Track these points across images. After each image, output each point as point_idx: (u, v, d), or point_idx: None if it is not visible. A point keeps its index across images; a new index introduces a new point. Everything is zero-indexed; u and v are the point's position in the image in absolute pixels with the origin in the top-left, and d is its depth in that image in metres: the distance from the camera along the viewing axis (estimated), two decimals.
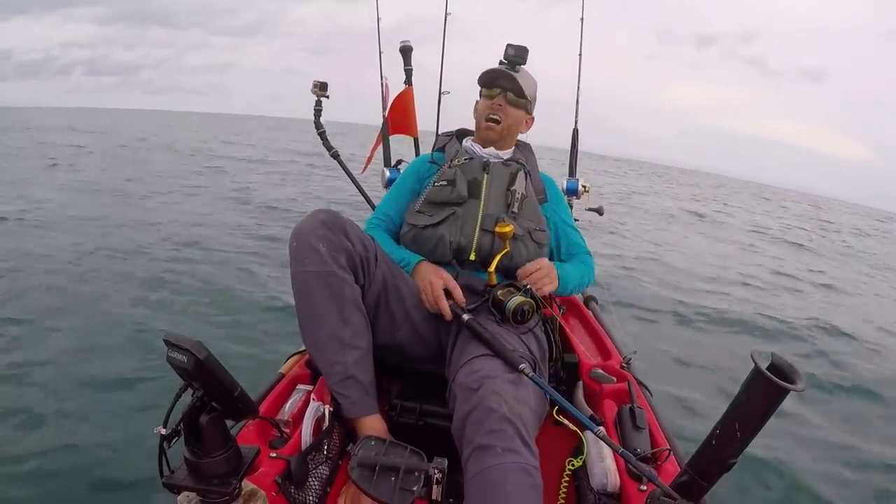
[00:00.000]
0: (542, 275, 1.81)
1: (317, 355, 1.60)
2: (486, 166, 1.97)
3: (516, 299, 1.66)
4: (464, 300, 1.72)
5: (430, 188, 1.96)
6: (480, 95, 2.07)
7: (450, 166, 1.99)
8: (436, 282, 1.71)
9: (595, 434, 1.33)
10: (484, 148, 2.05)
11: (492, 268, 1.77)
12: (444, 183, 1.93)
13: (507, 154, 2.08)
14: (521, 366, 1.44)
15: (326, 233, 1.55)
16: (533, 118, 2.14)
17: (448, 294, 1.71)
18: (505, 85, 1.99)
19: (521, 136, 2.17)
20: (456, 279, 1.76)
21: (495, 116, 2.00)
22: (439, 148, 2.16)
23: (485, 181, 1.94)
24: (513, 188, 1.93)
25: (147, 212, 8.10)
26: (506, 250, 1.78)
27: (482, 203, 1.90)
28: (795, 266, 10.18)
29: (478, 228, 1.85)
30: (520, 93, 2.00)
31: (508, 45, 2.00)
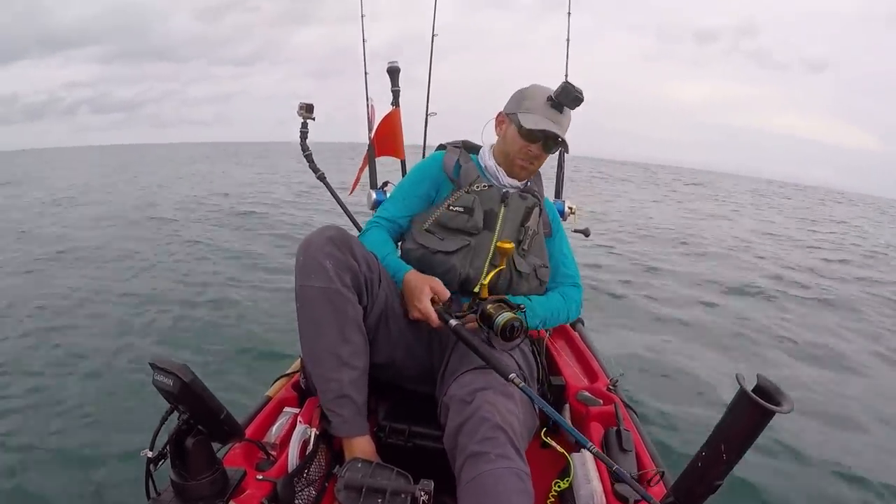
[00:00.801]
0: None
1: (314, 371, 1.59)
2: (504, 198, 1.92)
3: (506, 315, 1.62)
4: (447, 294, 1.70)
5: (444, 210, 1.89)
6: (514, 123, 1.91)
7: (468, 191, 1.92)
8: (423, 288, 1.68)
9: (589, 450, 1.33)
10: (509, 176, 1.99)
11: (486, 280, 1.79)
12: (461, 209, 1.87)
13: (524, 182, 2.04)
14: (511, 375, 1.43)
15: (333, 250, 1.54)
16: None
17: (434, 302, 1.68)
18: (547, 135, 1.89)
19: None
20: (450, 302, 1.74)
21: (528, 161, 1.94)
22: (457, 163, 2.02)
23: (501, 214, 1.90)
24: (527, 225, 1.92)
25: None
26: (501, 267, 1.79)
27: (495, 237, 1.87)
28: None
29: (487, 263, 1.84)
30: (558, 142, 1.92)
31: (568, 86, 1.85)
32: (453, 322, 1.61)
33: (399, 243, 1.99)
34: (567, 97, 1.85)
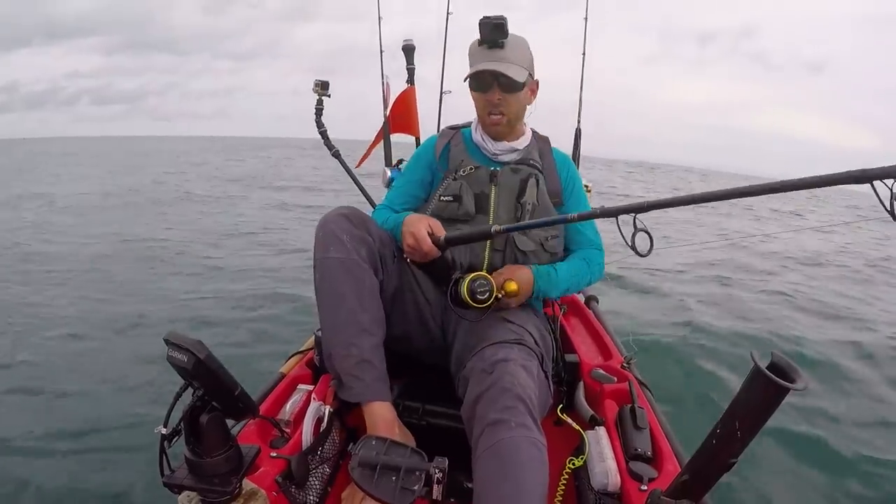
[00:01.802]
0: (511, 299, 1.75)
1: (334, 339, 1.59)
2: (493, 176, 1.87)
3: (466, 278, 1.66)
4: (444, 232, 1.70)
5: (437, 202, 1.88)
6: (471, 89, 1.87)
7: (455, 178, 1.89)
8: (421, 220, 1.71)
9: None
10: (496, 142, 1.93)
11: (485, 268, 1.80)
12: (450, 198, 1.86)
13: (521, 144, 1.95)
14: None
15: (349, 226, 1.62)
16: (536, 81, 1.94)
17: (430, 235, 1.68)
18: (492, 78, 1.80)
19: (529, 108, 1.97)
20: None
21: (496, 112, 1.85)
22: (445, 147, 1.99)
23: (493, 194, 1.86)
24: (523, 200, 1.84)
25: None
26: (494, 304, 1.71)
27: (491, 219, 1.83)
28: None
29: (487, 248, 1.81)
30: (509, 85, 1.80)
31: (483, 23, 1.75)
32: (443, 237, 1.66)
33: None
34: (487, 30, 1.76)
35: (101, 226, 8.56)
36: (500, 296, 1.68)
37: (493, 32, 1.76)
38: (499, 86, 1.80)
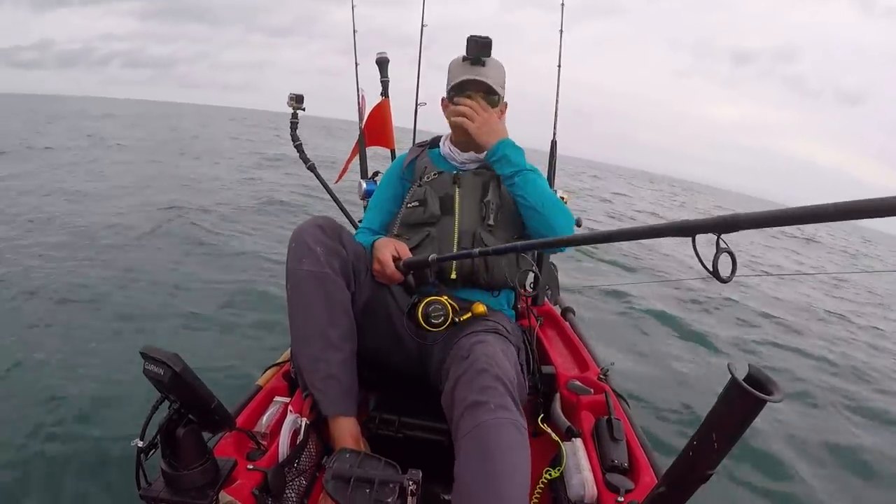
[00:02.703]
0: (476, 117, 1.87)
1: (302, 352, 1.61)
2: (456, 179, 1.95)
3: (422, 302, 1.72)
4: (409, 255, 1.76)
5: (404, 210, 1.95)
6: (449, 98, 1.98)
7: (419, 184, 1.96)
8: (387, 244, 1.76)
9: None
10: (463, 152, 2.02)
11: (454, 274, 1.83)
12: (416, 204, 1.92)
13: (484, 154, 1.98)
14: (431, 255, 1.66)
15: (324, 237, 1.61)
16: (506, 104, 2.05)
17: (396, 259, 1.74)
18: (475, 88, 1.93)
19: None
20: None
21: None
22: (411, 160, 2.10)
23: (457, 195, 1.91)
24: (486, 199, 1.90)
25: None
26: (467, 316, 1.77)
27: (456, 219, 1.88)
28: None
29: (455, 247, 1.84)
30: (490, 91, 1.93)
31: (471, 40, 1.88)
32: (401, 262, 1.71)
33: None
34: (475, 48, 1.89)
35: None
36: (457, 320, 1.73)
37: (479, 51, 1.89)
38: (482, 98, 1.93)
